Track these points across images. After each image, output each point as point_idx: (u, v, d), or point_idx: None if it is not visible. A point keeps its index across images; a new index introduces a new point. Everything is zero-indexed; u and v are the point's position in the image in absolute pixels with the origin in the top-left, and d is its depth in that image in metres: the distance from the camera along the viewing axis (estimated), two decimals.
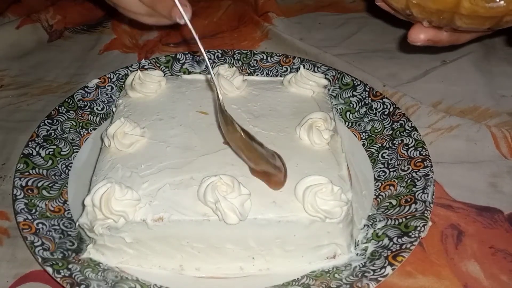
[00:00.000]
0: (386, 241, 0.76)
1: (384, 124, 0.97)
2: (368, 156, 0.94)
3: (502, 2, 0.62)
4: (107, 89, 1.06)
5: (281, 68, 1.12)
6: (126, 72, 1.09)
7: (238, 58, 1.14)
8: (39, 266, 0.77)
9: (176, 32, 1.34)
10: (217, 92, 0.78)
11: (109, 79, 1.07)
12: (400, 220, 0.78)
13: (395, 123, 0.95)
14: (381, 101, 1.00)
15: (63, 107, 1.00)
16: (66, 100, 1.01)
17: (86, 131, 0.99)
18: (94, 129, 1.00)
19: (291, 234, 0.74)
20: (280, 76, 1.05)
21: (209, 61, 1.12)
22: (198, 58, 1.14)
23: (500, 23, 0.66)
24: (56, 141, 0.94)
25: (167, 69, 1.12)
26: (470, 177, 0.92)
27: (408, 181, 0.85)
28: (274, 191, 0.75)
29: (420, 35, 0.74)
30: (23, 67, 1.23)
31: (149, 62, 1.12)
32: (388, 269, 0.71)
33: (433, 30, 0.73)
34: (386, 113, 0.98)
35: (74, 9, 1.40)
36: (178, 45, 1.31)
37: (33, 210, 0.81)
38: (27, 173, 0.87)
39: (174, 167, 0.78)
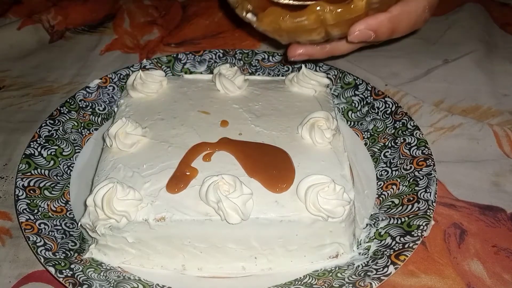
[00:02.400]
0: (388, 240, 0.76)
1: (386, 123, 0.96)
2: (370, 155, 0.94)
3: (304, 17, 0.72)
4: (109, 89, 1.06)
5: (282, 67, 1.12)
6: (128, 72, 1.09)
7: (240, 57, 1.14)
8: (41, 266, 0.77)
9: (177, 32, 1.34)
10: None
11: (111, 79, 1.07)
12: (403, 219, 0.78)
13: (397, 122, 0.95)
14: (383, 100, 1.00)
15: (64, 108, 1.00)
16: (68, 100, 1.01)
17: (88, 131, 0.99)
18: (96, 129, 1.00)
19: (293, 233, 0.74)
20: (282, 76, 1.05)
21: (210, 61, 1.14)
22: (199, 58, 1.14)
23: (331, 35, 0.77)
24: (58, 142, 0.94)
25: (168, 69, 1.12)
26: (473, 176, 0.92)
27: (411, 180, 0.84)
28: None
29: (296, 51, 0.84)
30: (24, 67, 1.24)
31: (150, 62, 1.12)
32: (391, 268, 0.71)
33: (303, 47, 0.83)
34: (388, 112, 0.98)
35: (75, 10, 1.40)
36: (179, 45, 1.31)
37: (35, 210, 0.81)
38: (29, 174, 0.87)
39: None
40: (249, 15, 0.77)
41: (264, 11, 0.76)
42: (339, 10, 0.72)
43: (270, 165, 0.78)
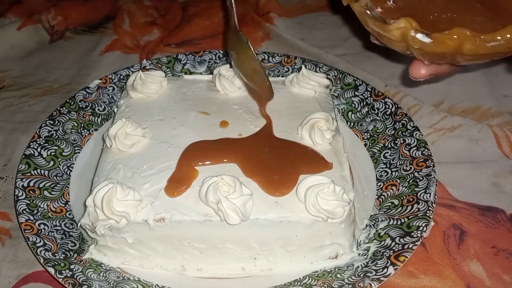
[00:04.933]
0: (388, 241, 0.76)
1: (386, 124, 0.96)
2: (370, 156, 0.94)
3: (502, 41, 0.62)
4: (109, 90, 1.06)
5: (282, 68, 1.12)
6: (128, 73, 1.09)
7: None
8: (41, 266, 0.77)
9: (177, 33, 1.34)
10: (233, 13, 0.86)
11: (111, 80, 1.07)
12: (402, 220, 0.78)
13: (397, 123, 0.95)
14: (383, 101, 1.00)
15: (64, 108, 1.00)
16: (68, 100, 1.01)
17: (88, 132, 0.99)
18: (96, 129, 1.00)
19: (293, 234, 0.74)
20: (282, 77, 1.05)
21: (210, 62, 1.13)
22: (199, 58, 1.14)
23: (502, 55, 0.67)
24: (58, 142, 0.94)
25: (168, 69, 1.12)
26: (472, 177, 0.92)
27: (410, 181, 0.84)
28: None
29: (421, 71, 0.74)
30: (24, 68, 1.24)
31: (150, 62, 1.12)
32: (390, 269, 0.71)
33: (434, 66, 0.73)
34: (388, 113, 0.98)
35: (75, 10, 1.40)
36: (179, 45, 1.31)
37: (35, 211, 0.81)
38: (29, 174, 0.87)
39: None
40: (420, 36, 0.65)
41: (437, 31, 0.65)
42: None
43: (274, 168, 0.78)
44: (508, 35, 0.62)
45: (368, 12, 0.68)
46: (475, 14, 0.70)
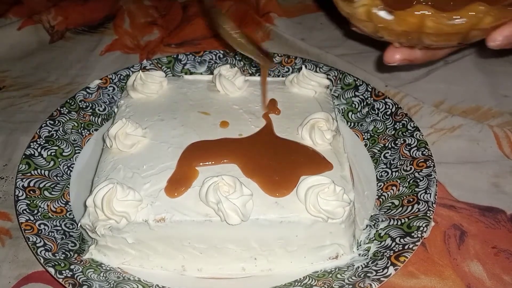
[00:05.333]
0: (388, 241, 0.76)
1: (387, 124, 0.96)
2: (370, 156, 0.94)
3: (463, 19, 0.63)
4: (109, 90, 1.06)
5: (282, 68, 1.12)
6: (128, 73, 1.09)
7: (240, 58, 1.14)
8: (41, 266, 0.77)
9: (177, 33, 1.34)
10: None
11: (111, 80, 1.07)
12: (403, 221, 0.78)
13: (397, 123, 0.95)
14: (383, 101, 1.00)
15: (64, 108, 1.00)
16: (68, 101, 1.01)
17: (88, 132, 0.99)
18: (96, 130, 1.00)
19: (293, 234, 0.74)
20: (282, 77, 1.05)
21: (210, 62, 1.13)
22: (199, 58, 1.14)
23: (467, 38, 0.68)
24: (58, 142, 0.94)
25: (168, 69, 1.12)
26: (473, 177, 0.92)
27: (411, 181, 0.84)
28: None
29: (395, 56, 0.75)
30: (24, 68, 1.24)
31: (150, 62, 1.12)
32: (391, 270, 0.71)
33: (407, 50, 0.74)
34: (388, 113, 0.98)
35: (75, 10, 1.41)
36: (179, 45, 1.31)
37: (35, 211, 0.81)
38: (29, 174, 0.87)
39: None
40: (382, 13, 0.66)
41: (400, 9, 0.66)
42: (497, 13, 0.64)
43: (274, 169, 0.77)
44: (470, 13, 0.63)
45: None
46: None
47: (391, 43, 0.76)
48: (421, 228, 0.75)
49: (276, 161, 0.78)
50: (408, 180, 0.85)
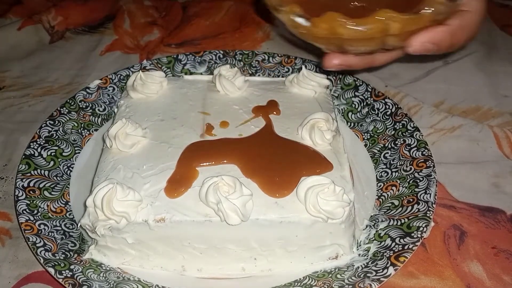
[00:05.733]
0: (388, 241, 0.76)
1: (386, 124, 0.96)
2: (370, 156, 0.94)
3: (370, 26, 0.66)
4: (109, 90, 1.06)
5: (282, 68, 1.12)
6: (128, 73, 1.09)
7: (240, 58, 1.14)
8: (41, 267, 0.77)
9: (177, 33, 1.34)
10: None
11: (111, 80, 1.07)
12: (403, 221, 0.78)
13: (397, 124, 0.95)
14: (383, 101, 1.00)
15: (64, 108, 1.00)
16: (68, 101, 1.01)
17: (88, 132, 0.99)
18: (96, 130, 1.00)
19: (293, 234, 0.74)
20: (282, 77, 1.05)
21: (210, 62, 1.13)
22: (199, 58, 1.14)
23: (386, 44, 0.70)
24: (58, 142, 0.94)
25: (168, 69, 1.12)
26: (473, 177, 0.92)
27: (411, 182, 0.84)
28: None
29: (333, 61, 0.77)
30: (24, 68, 1.24)
31: (150, 63, 1.12)
32: (391, 270, 0.71)
33: (342, 56, 0.77)
34: (388, 113, 0.98)
35: (75, 10, 1.40)
36: (179, 45, 1.31)
37: (35, 211, 0.81)
38: (29, 174, 0.87)
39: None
40: (300, 20, 0.70)
41: (316, 16, 0.69)
42: (406, 19, 0.66)
43: (275, 169, 0.77)
44: (377, 19, 0.65)
45: None
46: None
47: None
48: (421, 228, 0.75)
49: (276, 161, 0.78)
50: (408, 180, 0.85)
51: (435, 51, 0.72)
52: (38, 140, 0.93)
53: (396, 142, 0.93)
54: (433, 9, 0.67)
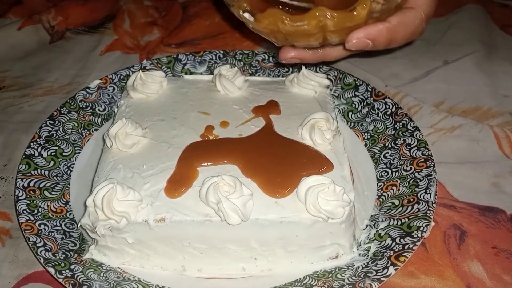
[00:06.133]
0: (388, 241, 0.76)
1: (387, 124, 0.96)
2: (371, 156, 0.94)
3: (304, 22, 0.70)
4: (109, 90, 1.06)
5: (282, 68, 1.12)
6: (128, 73, 1.09)
7: (240, 58, 1.14)
8: (41, 266, 0.77)
9: (177, 33, 1.34)
10: None
11: (111, 80, 1.07)
12: (403, 220, 0.78)
13: (398, 123, 0.95)
14: (383, 101, 1.00)
15: (64, 108, 1.00)
16: (68, 101, 1.01)
17: (88, 132, 0.99)
18: (96, 130, 1.00)
19: (293, 234, 0.74)
20: (282, 77, 1.05)
21: (210, 62, 1.13)
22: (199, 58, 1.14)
23: (328, 40, 0.75)
24: (58, 142, 0.94)
25: (168, 69, 1.12)
26: (473, 177, 0.92)
27: (411, 181, 0.84)
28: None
29: (288, 54, 0.82)
30: (24, 68, 1.24)
31: (150, 62, 1.12)
32: (391, 269, 0.71)
33: (295, 49, 0.82)
34: (388, 113, 0.98)
35: (75, 10, 1.40)
36: (179, 45, 1.31)
37: (35, 211, 0.81)
38: (29, 174, 0.87)
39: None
40: (246, 15, 0.75)
41: (262, 12, 0.74)
42: (340, 17, 0.70)
43: (275, 169, 0.77)
44: (311, 16, 0.69)
45: None
46: None
47: None
48: (421, 228, 0.75)
49: (276, 161, 0.78)
50: (408, 180, 0.85)
51: (372, 47, 0.75)
52: (38, 140, 0.93)
53: (396, 141, 0.93)
54: (366, 6, 0.70)
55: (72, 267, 0.73)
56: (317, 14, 0.70)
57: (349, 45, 0.74)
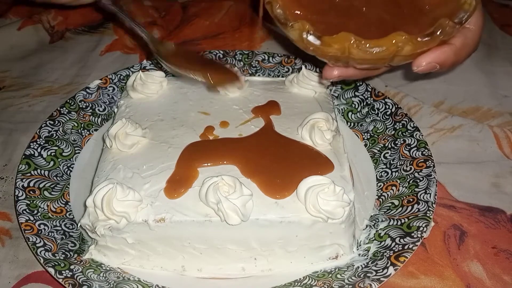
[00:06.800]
0: (388, 241, 0.76)
1: (386, 124, 0.96)
2: (370, 156, 0.94)
3: (383, 47, 0.66)
4: (109, 90, 1.06)
5: (282, 68, 1.12)
6: (128, 73, 1.09)
7: (240, 58, 1.14)
8: (41, 267, 0.77)
9: (177, 33, 1.34)
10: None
11: (111, 80, 1.07)
12: (403, 221, 0.78)
13: (397, 123, 0.95)
14: (383, 101, 1.00)
15: (64, 108, 1.00)
16: (68, 101, 1.01)
17: (88, 132, 0.99)
18: (96, 130, 1.00)
19: (293, 234, 0.74)
20: (282, 77, 1.05)
21: None
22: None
23: (393, 62, 0.71)
24: (58, 142, 0.94)
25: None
26: (473, 177, 0.92)
27: (411, 182, 0.84)
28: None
29: (333, 73, 0.78)
30: (24, 68, 1.24)
31: (150, 63, 1.12)
32: (391, 270, 0.71)
33: (342, 68, 0.77)
34: (388, 113, 0.98)
35: (75, 10, 1.40)
36: (179, 45, 1.31)
37: (35, 211, 0.81)
38: (29, 174, 0.87)
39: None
40: (311, 38, 0.69)
41: (326, 34, 0.69)
42: (420, 42, 0.67)
43: (275, 170, 0.77)
44: (391, 42, 0.65)
45: (273, 11, 0.72)
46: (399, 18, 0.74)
47: None
48: (421, 228, 0.75)
49: (277, 162, 0.78)
50: (408, 180, 0.85)
51: (438, 70, 0.73)
52: (38, 140, 0.93)
53: (396, 142, 0.93)
54: (443, 31, 0.67)
55: (72, 267, 0.73)
56: (398, 40, 0.65)
57: (418, 70, 0.72)
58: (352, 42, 0.66)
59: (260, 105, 0.91)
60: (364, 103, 1.02)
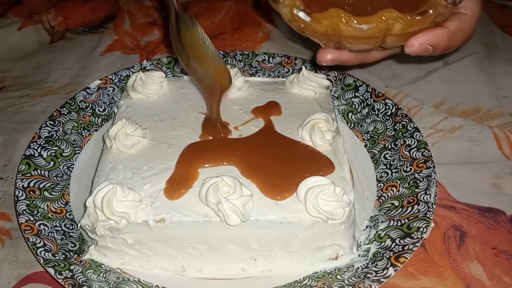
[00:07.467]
0: (388, 242, 0.76)
1: (386, 125, 0.96)
2: (370, 157, 0.94)
3: (373, 24, 0.66)
4: (109, 90, 1.06)
5: (283, 69, 1.12)
6: (128, 73, 1.09)
7: (240, 59, 1.14)
8: (41, 267, 0.77)
9: None
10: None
11: (111, 80, 1.07)
12: (403, 221, 0.78)
13: (398, 124, 0.95)
14: (383, 102, 1.00)
15: (64, 109, 1.00)
16: (68, 101, 1.01)
17: (88, 132, 0.99)
18: (96, 130, 1.00)
19: (293, 235, 0.74)
20: (282, 77, 1.05)
21: None
22: None
23: (385, 43, 0.71)
24: (58, 142, 0.94)
25: (168, 70, 1.12)
26: (473, 178, 0.92)
27: (411, 182, 0.84)
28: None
29: (327, 56, 0.78)
30: (24, 68, 1.24)
31: (150, 63, 1.12)
32: (391, 270, 0.71)
33: (336, 51, 0.77)
34: (388, 114, 0.98)
35: (75, 11, 1.40)
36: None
37: (35, 211, 0.81)
38: (29, 174, 0.87)
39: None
40: (301, 14, 0.69)
41: (316, 11, 0.69)
42: (408, 20, 0.66)
43: (276, 171, 0.77)
44: (380, 19, 0.65)
45: None
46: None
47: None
48: (421, 229, 0.75)
49: (277, 162, 0.78)
50: (408, 181, 0.85)
51: (431, 53, 0.73)
52: (38, 140, 0.93)
53: (396, 142, 0.93)
54: (435, 10, 0.67)
55: (72, 267, 0.73)
56: (387, 17, 0.65)
57: (410, 51, 0.71)
58: (341, 18, 0.66)
59: (260, 106, 0.91)
60: (364, 104, 1.02)
